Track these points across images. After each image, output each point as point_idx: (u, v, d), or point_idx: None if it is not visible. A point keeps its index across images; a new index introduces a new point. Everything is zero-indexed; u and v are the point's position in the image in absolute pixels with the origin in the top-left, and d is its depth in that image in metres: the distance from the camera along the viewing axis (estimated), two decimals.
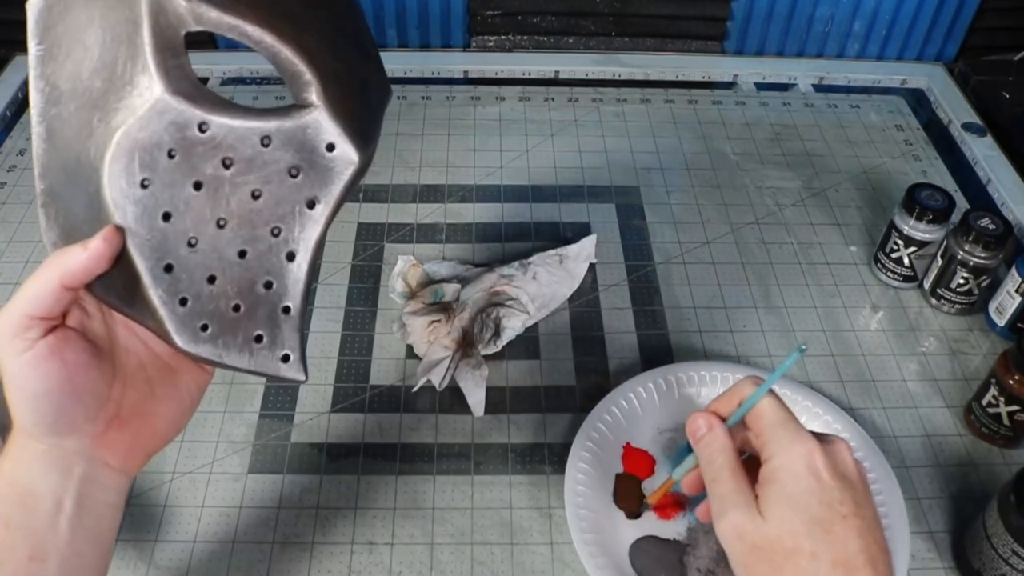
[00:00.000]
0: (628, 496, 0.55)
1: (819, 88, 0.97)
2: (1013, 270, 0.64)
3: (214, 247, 0.38)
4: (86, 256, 0.35)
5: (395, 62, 0.97)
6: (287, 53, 0.37)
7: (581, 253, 0.71)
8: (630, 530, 0.53)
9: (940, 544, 0.55)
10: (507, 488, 0.57)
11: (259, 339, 0.39)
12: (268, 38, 0.37)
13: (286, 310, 0.39)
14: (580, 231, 0.75)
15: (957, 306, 0.69)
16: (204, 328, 0.39)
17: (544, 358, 0.65)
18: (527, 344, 0.66)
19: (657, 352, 0.66)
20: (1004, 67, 0.95)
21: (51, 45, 0.39)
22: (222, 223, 0.38)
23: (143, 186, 0.37)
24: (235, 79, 0.95)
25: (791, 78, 0.98)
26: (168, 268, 0.38)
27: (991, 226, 0.65)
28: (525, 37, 1.00)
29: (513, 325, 0.65)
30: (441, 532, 0.54)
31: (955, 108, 0.92)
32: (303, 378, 0.40)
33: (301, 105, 0.38)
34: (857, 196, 0.81)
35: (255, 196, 0.38)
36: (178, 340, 0.38)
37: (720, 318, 0.69)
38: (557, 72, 0.97)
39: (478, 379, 0.61)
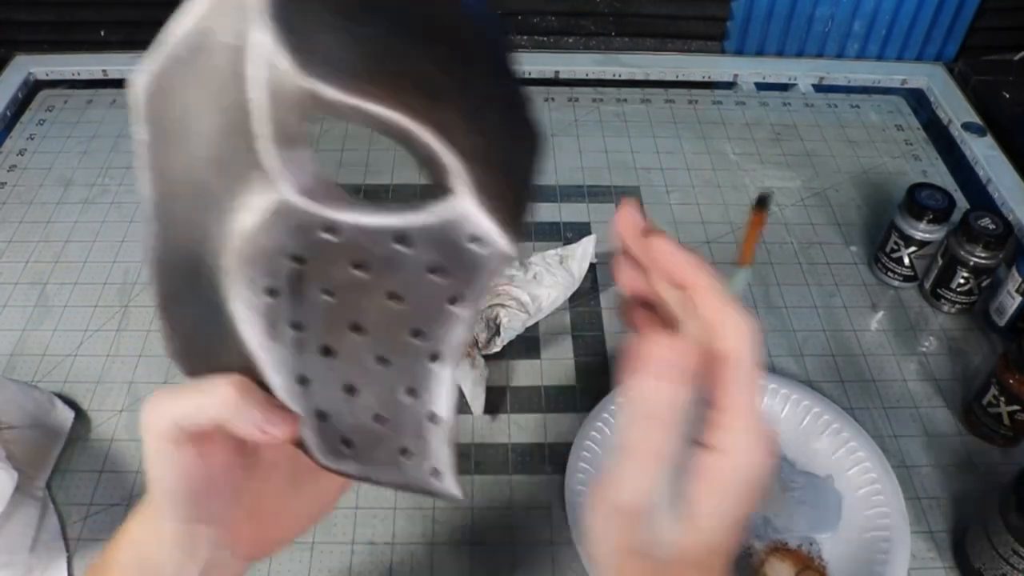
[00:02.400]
0: None
1: (819, 88, 0.97)
2: (1013, 270, 0.64)
3: (350, 354, 0.34)
4: (251, 433, 0.33)
5: None
6: (421, 136, 0.31)
7: (581, 253, 0.71)
8: None
9: (940, 544, 0.55)
10: (507, 488, 0.57)
11: (405, 452, 0.36)
12: (398, 119, 0.31)
13: (432, 418, 0.35)
14: (580, 231, 0.75)
15: (957, 306, 0.69)
16: (346, 443, 0.36)
17: (544, 358, 0.65)
18: (527, 344, 0.66)
19: None
20: (1004, 67, 0.95)
21: (160, 132, 0.33)
22: (357, 328, 0.34)
23: (270, 295, 0.33)
24: None
25: (791, 78, 0.98)
26: (302, 380, 0.34)
27: (991, 226, 0.65)
28: (525, 37, 1.00)
29: (513, 325, 0.65)
30: (441, 532, 0.54)
31: (955, 108, 0.92)
32: (458, 496, 0.36)
33: (439, 190, 0.32)
34: (857, 196, 0.81)
35: (392, 298, 0.33)
36: (320, 457, 0.35)
37: None
38: (557, 72, 0.97)
39: (478, 379, 0.61)
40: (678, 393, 0.30)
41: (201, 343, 0.34)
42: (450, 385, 0.35)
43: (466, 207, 0.31)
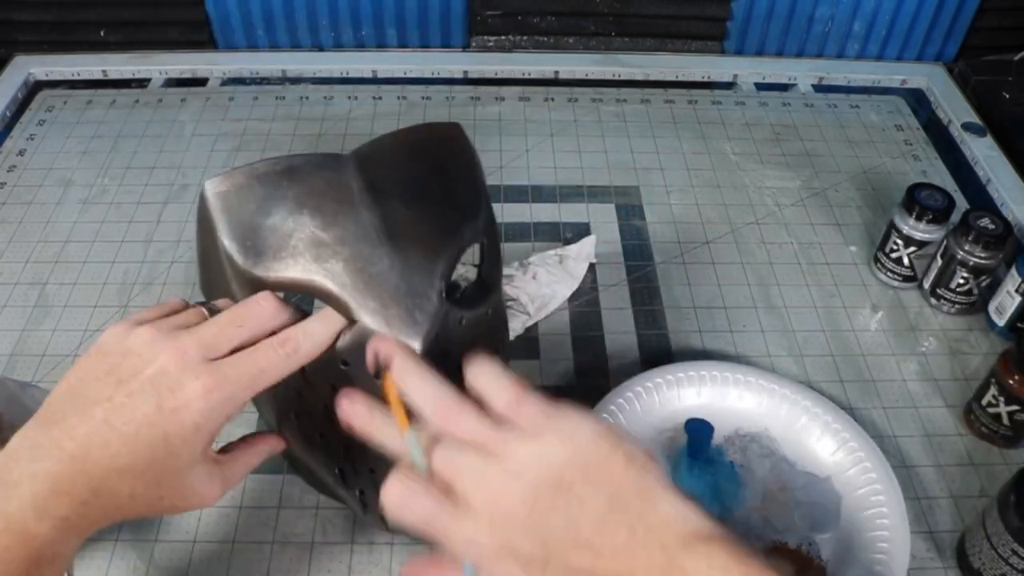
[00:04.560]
0: None
1: (819, 88, 0.97)
2: (1013, 270, 0.64)
3: (360, 447, 0.41)
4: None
5: (395, 62, 0.97)
6: (323, 288, 0.42)
7: (581, 253, 0.71)
8: None
9: (940, 544, 0.55)
10: None
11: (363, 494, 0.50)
12: (299, 282, 0.42)
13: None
14: (580, 231, 0.75)
15: (957, 306, 0.69)
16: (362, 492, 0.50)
17: (544, 358, 0.65)
18: (527, 344, 0.66)
19: (657, 352, 0.66)
20: (1004, 67, 0.95)
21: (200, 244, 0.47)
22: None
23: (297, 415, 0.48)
24: (235, 79, 0.95)
25: (791, 78, 0.98)
26: (341, 472, 0.49)
27: (991, 226, 0.65)
28: (525, 37, 1.00)
29: (513, 326, 0.65)
30: None
31: (955, 108, 0.92)
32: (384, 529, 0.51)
33: (352, 320, 0.42)
34: (857, 196, 0.81)
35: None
36: (373, 522, 0.50)
37: (720, 318, 0.69)
38: (557, 72, 0.97)
39: None
40: None
41: None
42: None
43: (367, 328, 0.41)
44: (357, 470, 0.48)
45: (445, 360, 0.42)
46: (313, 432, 0.47)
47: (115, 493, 0.36)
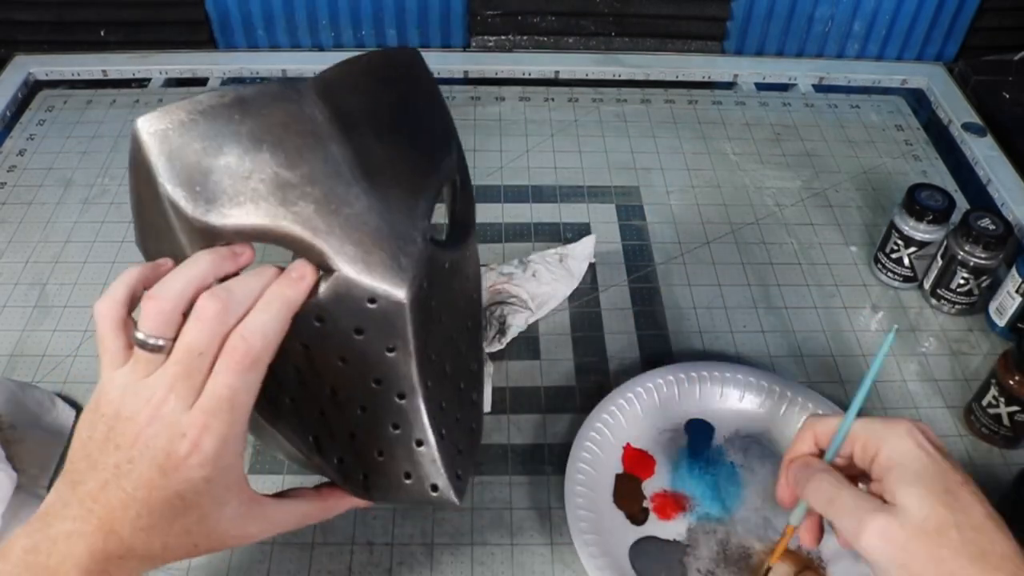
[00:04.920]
0: (628, 496, 0.55)
1: (819, 88, 0.97)
2: (1013, 270, 0.64)
3: (338, 411, 0.41)
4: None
5: None
6: (290, 233, 0.37)
7: (581, 252, 0.71)
8: (630, 531, 0.53)
9: None
10: (507, 488, 0.57)
11: (408, 475, 0.43)
12: (263, 228, 0.37)
13: (419, 443, 0.42)
14: (580, 231, 0.75)
15: (957, 306, 0.69)
16: (365, 477, 0.43)
17: (544, 358, 0.65)
18: (527, 344, 0.66)
19: (657, 352, 0.66)
20: (1004, 67, 0.95)
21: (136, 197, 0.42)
22: (333, 390, 0.41)
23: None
24: (235, 79, 0.95)
25: (791, 78, 0.98)
26: (315, 438, 0.42)
27: (991, 226, 0.65)
28: (525, 37, 1.00)
29: (517, 322, 0.65)
30: (441, 532, 0.54)
31: (955, 108, 0.92)
32: (456, 503, 0.43)
33: (327, 270, 0.38)
34: (857, 196, 0.81)
35: (342, 360, 0.40)
36: (352, 492, 0.43)
37: (720, 318, 0.69)
38: (557, 72, 0.97)
39: (484, 377, 0.61)
40: None
41: None
42: (424, 413, 0.41)
43: (346, 278, 0.37)
44: (335, 435, 0.42)
45: (428, 309, 0.40)
46: (281, 397, 0.41)
47: (148, 548, 0.36)
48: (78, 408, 0.60)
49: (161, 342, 0.35)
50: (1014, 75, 0.94)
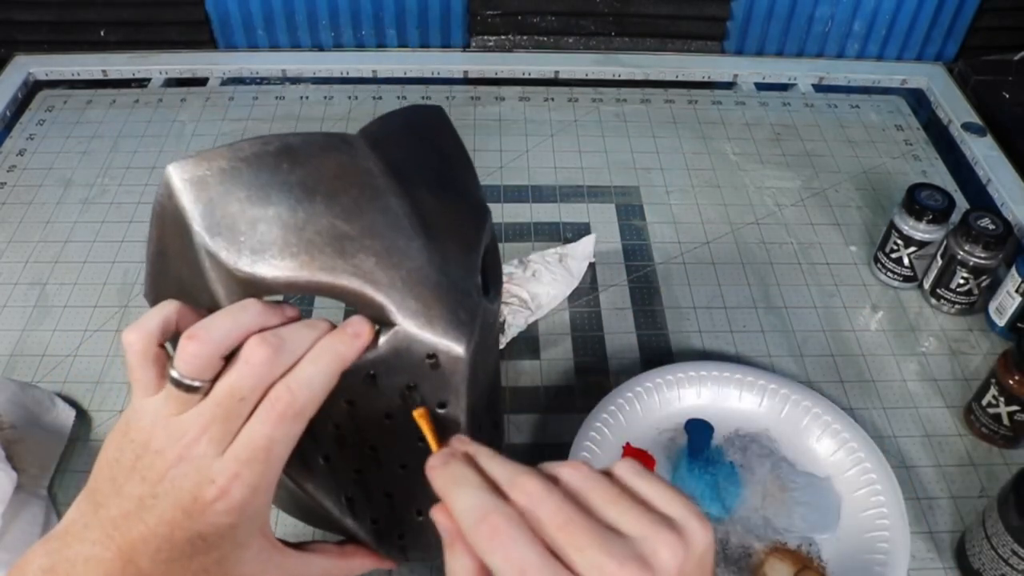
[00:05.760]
0: None
1: (819, 88, 0.97)
2: (1013, 270, 0.64)
3: (377, 469, 0.40)
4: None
5: (395, 62, 0.97)
6: (348, 287, 0.36)
7: (581, 252, 0.71)
8: None
9: (940, 544, 0.55)
10: None
11: None
12: (320, 281, 0.35)
13: None
14: (580, 231, 0.75)
15: (957, 306, 0.69)
16: (401, 537, 0.42)
17: (544, 358, 0.65)
18: (527, 344, 0.66)
19: (657, 352, 0.66)
20: (1004, 67, 0.95)
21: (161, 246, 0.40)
22: (373, 448, 0.40)
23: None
24: (235, 79, 0.95)
25: (791, 78, 0.98)
26: (348, 500, 0.40)
27: (991, 226, 0.65)
28: (525, 37, 1.00)
29: (517, 322, 0.65)
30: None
31: (955, 108, 0.92)
32: (403, 560, 0.43)
33: (385, 324, 0.36)
34: (857, 196, 0.81)
35: (387, 418, 0.38)
36: (383, 551, 0.42)
37: (720, 318, 0.69)
38: (557, 72, 0.97)
39: None
40: None
41: None
42: None
43: (407, 333, 0.36)
44: (370, 496, 0.41)
45: (475, 364, 0.38)
46: (315, 457, 0.40)
47: None
48: (78, 408, 0.60)
49: (197, 383, 0.34)
50: (1014, 75, 0.94)
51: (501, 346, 0.64)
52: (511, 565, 0.30)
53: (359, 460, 0.39)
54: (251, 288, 0.36)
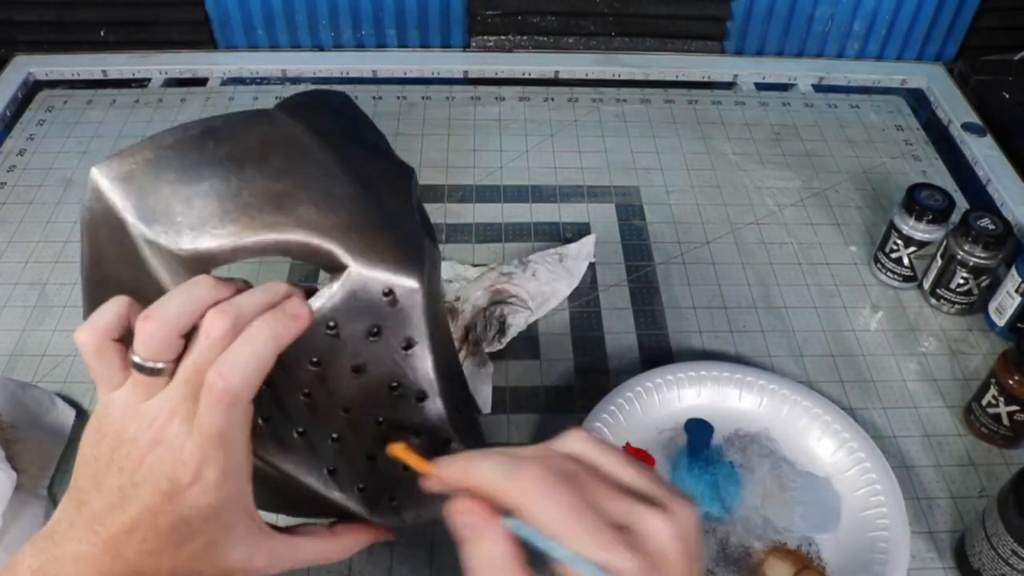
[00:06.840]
0: None
1: (819, 88, 0.97)
2: (1013, 270, 0.64)
3: (355, 431, 0.38)
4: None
5: (395, 62, 0.97)
6: (293, 239, 0.36)
7: (581, 252, 0.71)
8: None
9: (940, 544, 0.55)
10: None
11: None
12: (264, 239, 0.36)
13: (445, 443, 0.40)
14: (580, 231, 0.75)
15: (957, 306, 0.69)
16: (391, 498, 0.40)
17: (544, 358, 0.65)
18: (527, 344, 0.66)
19: (657, 352, 0.66)
20: (1004, 67, 0.95)
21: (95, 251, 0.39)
22: (347, 409, 0.38)
23: (265, 421, 0.37)
24: (235, 79, 0.95)
25: (791, 78, 0.98)
26: (331, 471, 0.39)
27: (991, 226, 0.65)
28: (525, 37, 1.00)
29: (517, 322, 0.65)
30: (441, 532, 0.54)
31: (955, 108, 0.92)
32: (400, 524, 0.42)
33: (336, 270, 0.37)
34: (857, 196, 0.81)
35: (356, 371, 0.38)
36: (375, 519, 0.41)
37: (720, 318, 0.69)
38: (557, 72, 0.97)
39: (484, 376, 0.61)
40: None
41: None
42: (445, 411, 0.39)
43: (360, 273, 0.36)
44: (352, 462, 0.40)
45: (431, 301, 0.38)
46: (290, 432, 0.38)
47: (156, 571, 0.35)
48: (78, 408, 0.60)
49: (160, 365, 0.33)
50: (1014, 75, 0.94)
51: (501, 346, 0.64)
52: (560, 506, 0.29)
53: (334, 425, 0.38)
54: (198, 265, 0.36)
